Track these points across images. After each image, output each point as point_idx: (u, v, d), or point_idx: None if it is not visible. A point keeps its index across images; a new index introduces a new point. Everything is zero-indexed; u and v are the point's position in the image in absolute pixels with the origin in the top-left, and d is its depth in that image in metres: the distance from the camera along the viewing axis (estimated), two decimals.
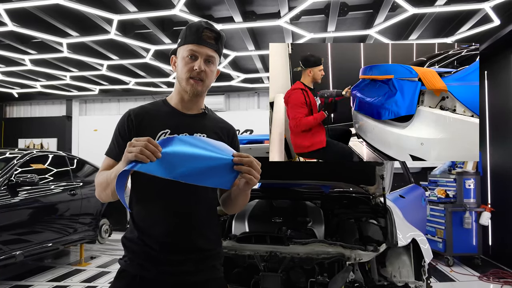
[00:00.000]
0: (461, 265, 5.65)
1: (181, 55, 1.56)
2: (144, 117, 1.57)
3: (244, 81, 8.56)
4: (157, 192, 1.50)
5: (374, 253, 2.58)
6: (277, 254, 2.64)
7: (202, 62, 1.53)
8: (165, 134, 1.52)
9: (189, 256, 1.51)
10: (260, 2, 4.90)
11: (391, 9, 4.65)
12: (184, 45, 1.55)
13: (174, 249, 1.50)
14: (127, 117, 1.56)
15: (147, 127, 1.53)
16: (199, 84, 1.56)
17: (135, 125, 1.54)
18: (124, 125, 1.55)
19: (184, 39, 1.55)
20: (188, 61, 1.53)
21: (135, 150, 1.22)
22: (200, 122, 1.63)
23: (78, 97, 10.27)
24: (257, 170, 1.36)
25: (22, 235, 4.57)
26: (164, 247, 1.49)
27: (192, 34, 1.53)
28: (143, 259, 1.50)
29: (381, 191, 3.06)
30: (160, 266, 1.49)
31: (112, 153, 1.54)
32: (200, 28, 1.53)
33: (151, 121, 1.56)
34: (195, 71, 1.52)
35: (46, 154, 5.61)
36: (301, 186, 4.09)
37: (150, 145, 1.22)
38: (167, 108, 1.62)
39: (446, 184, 6.04)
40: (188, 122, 1.59)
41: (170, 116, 1.58)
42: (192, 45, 1.52)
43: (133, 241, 1.53)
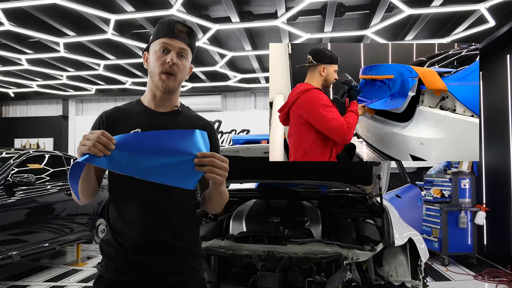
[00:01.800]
0: (456, 264, 5.69)
1: (153, 49, 1.54)
2: (116, 118, 1.55)
3: (240, 81, 8.57)
4: (129, 191, 1.47)
5: (371, 252, 2.59)
6: (274, 254, 2.65)
7: (174, 55, 1.50)
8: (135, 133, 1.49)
9: (166, 258, 1.47)
10: (257, 2, 4.91)
11: (387, 10, 4.67)
12: (156, 40, 1.53)
13: (149, 250, 1.46)
14: (99, 119, 1.55)
15: (118, 127, 1.51)
16: (171, 80, 1.51)
17: (106, 126, 1.51)
18: (96, 127, 1.54)
19: (156, 34, 1.54)
20: (160, 54, 1.50)
21: (88, 143, 1.21)
22: (173, 120, 1.58)
23: (75, 96, 10.25)
24: (221, 168, 1.28)
25: (18, 235, 4.55)
26: (138, 248, 1.46)
27: (164, 29, 1.52)
28: (119, 263, 1.47)
29: (378, 191, 3.07)
30: (136, 269, 1.45)
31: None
32: (172, 22, 1.52)
33: (122, 121, 1.54)
34: (168, 64, 1.49)
35: (43, 154, 5.59)
36: (298, 186, 4.10)
37: (102, 137, 1.21)
38: (140, 108, 1.59)
39: (442, 184, 6.08)
40: (161, 121, 1.55)
41: (142, 116, 1.56)
42: (164, 38, 1.50)
43: (109, 244, 1.50)
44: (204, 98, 9.44)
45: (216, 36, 5.88)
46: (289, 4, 4.73)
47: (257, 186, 4.41)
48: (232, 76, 8.20)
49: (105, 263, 1.50)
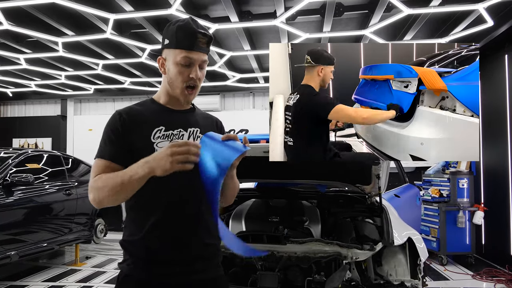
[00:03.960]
0: (454, 264, 5.70)
1: (173, 59, 1.48)
2: (136, 115, 1.51)
3: (239, 81, 8.57)
4: (157, 190, 1.44)
5: (370, 252, 2.60)
6: (274, 253, 2.65)
7: (198, 69, 1.49)
8: (160, 131, 1.49)
9: (197, 253, 1.49)
10: (256, 2, 4.91)
11: (386, 10, 4.68)
12: (176, 49, 1.47)
13: (181, 247, 1.47)
14: (119, 116, 1.50)
15: (141, 125, 1.49)
16: (192, 93, 1.52)
17: (128, 123, 1.48)
18: (117, 124, 1.48)
19: (176, 43, 1.47)
20: (183, 68, 1.47)
21: (182, 158, 1.22)
22: (192, 118, 1.61)
23: (73, 96, 10.23)
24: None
25: (17, 235, 4.54)
26: (168, 247, 1.46)
27: (186, 39, 1.45)
28: (149, 261, 1.46)
29: (377, 190, 3.08)
30: (167, 267, 1.46)
31: (107, 155, 1.46)
32: (195, 34, 1.45)
33: (144, 119, 1.51)
34: (192, 80, 1.48)
35: (41, 154, 5.58)
36: (297, 186, 4.11)
37: (193, 148, 1.24)
38: (158, 107, 1.57)
39: (440, 183, 6.09)
40: (180, 118, 1.57)
41: (161, 114, 1.55)
42: (187, 51, 1.46)
43: (134, 244, 1.48)
44: (202, 98, 9.44)
45: (215, 35, 5.87)
46: (288, 4, 4.73)
47: (256, 186, 4.41)
48: (231, 76, 8.20)
49: (132, 261, 1.47)
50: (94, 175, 1.44)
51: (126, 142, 1.46)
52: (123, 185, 1.33)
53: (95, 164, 1.47)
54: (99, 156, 1.47)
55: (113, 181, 1.35)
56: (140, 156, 1.33)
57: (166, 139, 1.49)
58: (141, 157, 1.33)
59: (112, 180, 1.35)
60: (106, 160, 1.45)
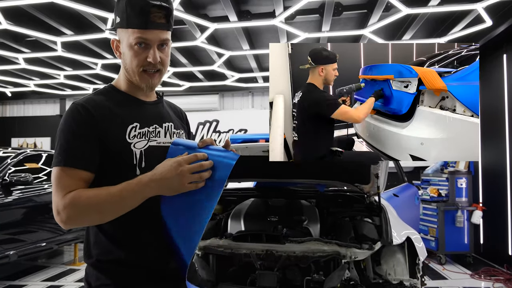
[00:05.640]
0: (453, 263, 5.71)
1: (126, 41, 1.24)
2: (103, 108, 1.25)
3: (238, 81, 8.56)
4: (149, 202, 1.20)
5: (369, 251, 2.60)
6: (273, 253, 2.66)
7: (156, 50, 1.24)
8: (135, 128, 1.26)
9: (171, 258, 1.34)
10: (255, 2, 4.91)
11: (385, 9, 4.69)
12: (127, 29, 1.23)
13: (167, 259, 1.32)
14: (83, 109, 1.20)
15: (111, 121, 1.23)
16: (155, 77, 1.29)
17: (97, 119, 1.20)
18: (83, 121, 1.19)
19: (126, 20, 1.21)
20: (138, 50, 1.23)
21: (195, 178, 1.13)
22: (164, 110, 1.41)
23: (72, 96, 10.20)
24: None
25: (15, 234, 4.54)
26: (158, 261, 1.30)
27: (137, 16, 1.19)
28: (136, 282, 1.26)
29: (376, 189, 3.08)
30: (156, 282, 1.30)
31: (80, 163, 1.16)
32: (147, 7, 1.18)
33: (113, 113, 1.25)
34: (151, 64, 1.25)
35: (40, 153, 5.57)
36: (296, 185, 4.11)
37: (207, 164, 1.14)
38: (122, 96, 1.34)
39: (439, 183, 6.10)
40: (153, 112, 1.35)
41: (132, 107, 1.31)
42: (139, 30, 1.20)
43: (118, 263, 1.26)
44: (201, 97, 9.43)
45: (214, 35, 5.87)
46: (287, 4, 4.73)
47: (255, 185, 4.41)
48: (230, 76, 8.20)
49: (113, 283, 1.26)
50: (64, 191, 1.13)
51: (97, 144, 1.19)
52: (119, 207, 1.15)
53: (58, 175, 1.15)
54: (63, 164, 1.15)
55: (105, 202, 1.14)
56: (114, 161, 1.18)
57: (143, 138, 1.26)
58: (115, 162, 1.18)
59: (104, 201, 1.14)
60: (75, 169, 1.15)
